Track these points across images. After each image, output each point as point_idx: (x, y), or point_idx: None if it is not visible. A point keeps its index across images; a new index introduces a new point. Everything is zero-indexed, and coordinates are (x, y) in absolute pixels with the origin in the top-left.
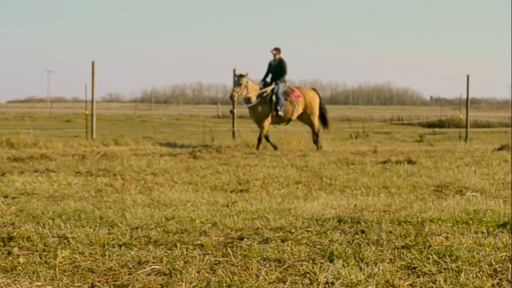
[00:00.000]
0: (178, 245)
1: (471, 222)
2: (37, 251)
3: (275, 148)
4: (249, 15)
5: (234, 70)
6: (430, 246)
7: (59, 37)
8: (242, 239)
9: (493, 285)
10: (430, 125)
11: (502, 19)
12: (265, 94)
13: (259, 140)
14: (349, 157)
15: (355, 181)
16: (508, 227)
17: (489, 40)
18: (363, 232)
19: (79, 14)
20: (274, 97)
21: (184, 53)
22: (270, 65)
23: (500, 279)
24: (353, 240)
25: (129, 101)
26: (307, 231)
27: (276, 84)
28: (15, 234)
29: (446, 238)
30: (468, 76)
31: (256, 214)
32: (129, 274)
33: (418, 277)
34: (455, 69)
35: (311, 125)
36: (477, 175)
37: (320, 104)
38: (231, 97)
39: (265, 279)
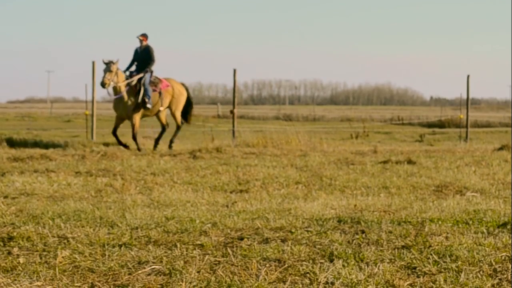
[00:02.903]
0: (178, 245)
1: (471, 222)
2: (37, 251)
3: (126, 147)
4: (249, 15)
5: (235, 70)
6: (430, 246)
7: (59, 37)
8: (242, 239)
9: (493, 285)
10: (430, 125)
11: (502, 19)
12: (133, 83)
13: (134, 138)
14: (349, 157)
15: (355, 181)
16: (508, 227)
17: (489, 40)
18: (363, 232)
19: (79, 13)
20: (142, 88)
21: (184, 53)
22: (136, 52)
23: (500, 279)
24: (353, 240)
25: None
26: (307, 231)
27: (145, 72)
28: (15, 234)
29: (446, 238)
30: (468, 76)
31: (256, 214)
32: (129, 274)
33: (418, 277)
34: (455, 69)
35: (174, 116)
36: (477, 175)
37: (189, 99)
38: (102, 84)
39: (265, 279)
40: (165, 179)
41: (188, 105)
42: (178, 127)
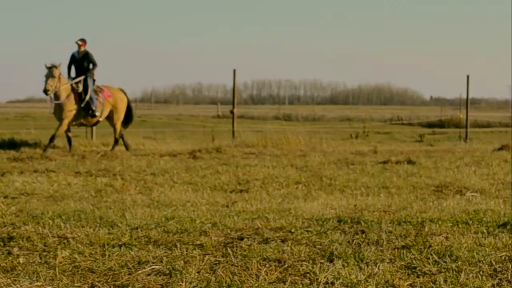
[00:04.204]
0: (178, 245)
1: (471, 222)
2: (37, 251)
3: (45, 150)
4: (249, 15)
5: (234, 70)
6: (430, 246)
7: (59, 37)
8: (242, 239)
9: (493, 285)
10: (430, 125)
11: (502, 19)
12: (77, 90)
13: (52, 138)
14: (349, 157)
15: (355, 181)
16: (508, 227)
17: (489, 40)
18: (363, 232)
19: (79, 13)
20: (87, 97)
21: (184, 53)
22: (73, 57)
23: (500, 279)
24: (353, 240)
25: None
26: (307, 231)
27: (87, 77)
28: (15, 234)
29: (446, 238)
30: (468, 76)
31: (256, 214)
32: (129, 274)
33: (418, 277)
34: (455, 69)
35: (114, 128)
36: (477, 175)
37: (128, 105)
38: (45, 90)
39: (265, 279)
40: (165, 179)
41: (128, 111)
42: (117, 140)
